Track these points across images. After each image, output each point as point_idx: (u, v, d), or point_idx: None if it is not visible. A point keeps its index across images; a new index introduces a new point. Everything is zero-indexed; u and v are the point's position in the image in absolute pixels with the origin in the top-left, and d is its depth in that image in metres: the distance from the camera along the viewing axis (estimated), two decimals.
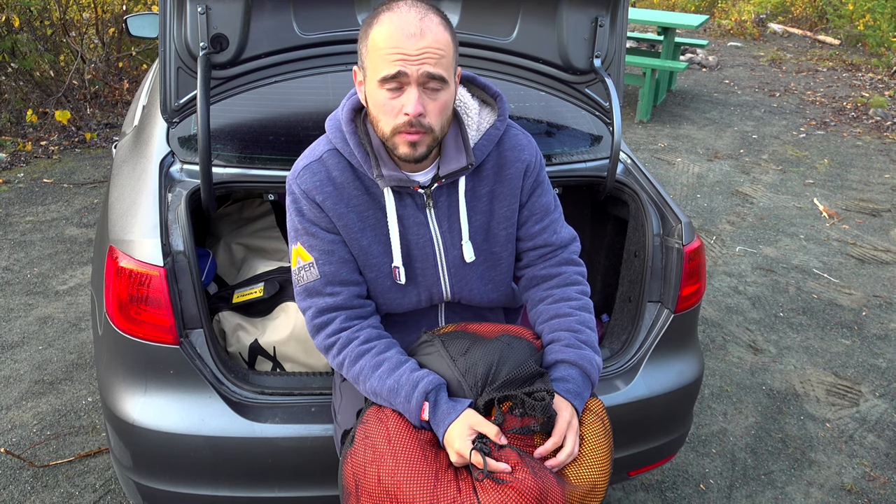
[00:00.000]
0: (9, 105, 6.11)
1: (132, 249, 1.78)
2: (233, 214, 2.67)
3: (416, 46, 1.38)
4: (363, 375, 1.55)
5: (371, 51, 1.43)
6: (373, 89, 1.45)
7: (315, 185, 1.56)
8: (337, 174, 1.57)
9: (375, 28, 1.42)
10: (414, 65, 1.39)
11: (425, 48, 1.39)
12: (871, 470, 2.85)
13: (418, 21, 1.40)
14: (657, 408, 2.10)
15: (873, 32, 10.29)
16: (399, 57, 1.38)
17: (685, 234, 2.07)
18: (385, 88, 1.42)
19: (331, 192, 1.57)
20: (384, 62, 1.40)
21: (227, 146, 2.10)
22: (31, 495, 2.49)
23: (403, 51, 1.38)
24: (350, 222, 1.59)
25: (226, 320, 2.16)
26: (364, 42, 1.45)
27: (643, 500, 2.64)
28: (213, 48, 1.83)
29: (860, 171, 6.10)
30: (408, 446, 1.44)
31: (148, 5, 6.65)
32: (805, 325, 3.81)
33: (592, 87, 2.16)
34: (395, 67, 1.39)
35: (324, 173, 1.57)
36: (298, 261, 1.61)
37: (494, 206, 1.67)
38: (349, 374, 1.58)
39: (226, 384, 1.81)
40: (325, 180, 1.57)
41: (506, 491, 1.35)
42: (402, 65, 1.39)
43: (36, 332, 3.39)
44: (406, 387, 1.49)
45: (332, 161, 1.58)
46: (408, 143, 1.46)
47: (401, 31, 1.39)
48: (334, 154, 1.58)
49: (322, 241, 1.59)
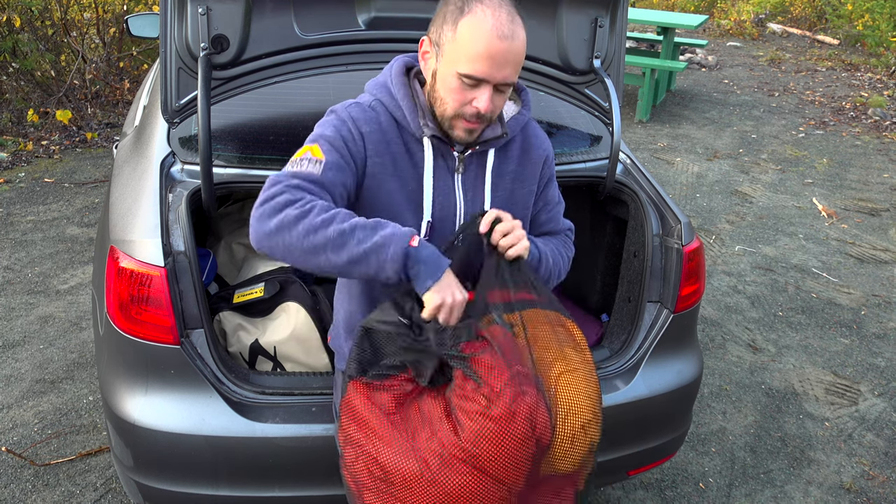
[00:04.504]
0: (10, 105, 6.12)
1: (133, 250, 1.78)
2: (233, 214, 2.68)
3: (504, 52, 1.40)
4: (341, 215, 1.38)
5: (457, 40, 1.42)
6: (447, 74, 1.46)
7: (364, 119, 1.55)
8: (382, 119, 1.57)
9: (467, 18, 1.41)
10: (498, 73, 1.42)
11: (512, 56, 1.42)
12: (870, 469, 2.86)
13: (510, 23, 1.41)
14: (657, 407, 2.10)
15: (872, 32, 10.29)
16: (487, 62, 1.40)
17: (685, 235, 2.08)
18: (462, 80, 1.44)
19: (376, 130, 1.56)
20: (470, 61, 1.41)
21: (227, 146, 2.10)
22: (32, 494, 2.50)
23: (492, 55, 1.40)
24: (385, 162, 1.57)
25: (226, 320, 2.17)
26: (449, 25, 1.44)
27: (642, 498, 2.65)
28: (214, 49, 1.83)
29: (859, 170, 6.10)
30: (377, 425, 1.45)
31: (149, 5, 6.66)
32: (804, 325, 3.82)
33: (592, 88, 2.17)
34: (480, 73, 1.41)
35: (372, 113, 1.57)
36: (307, 153, 1.48)
37: (515, 188, 1.70)
38: (318, 217, 1.36)
39: (226, 384, 1.82)
40: (373, 119, 1.56)
41: (484, 422, 1.36)
42: (488, 72, 1.41)
43: (37, 331, 3.39)
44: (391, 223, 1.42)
45: (378, 109, 1.58)
46: (466, 130, 1.51)
47: (494, 33, 1.39)
48: (379, 104, 1.59)
49: (341, 158, 1.50)
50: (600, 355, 2.13)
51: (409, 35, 2.00)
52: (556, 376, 1.48)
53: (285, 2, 1.87)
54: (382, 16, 1.97)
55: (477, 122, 1.50)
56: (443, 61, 1.47)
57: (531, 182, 1.73)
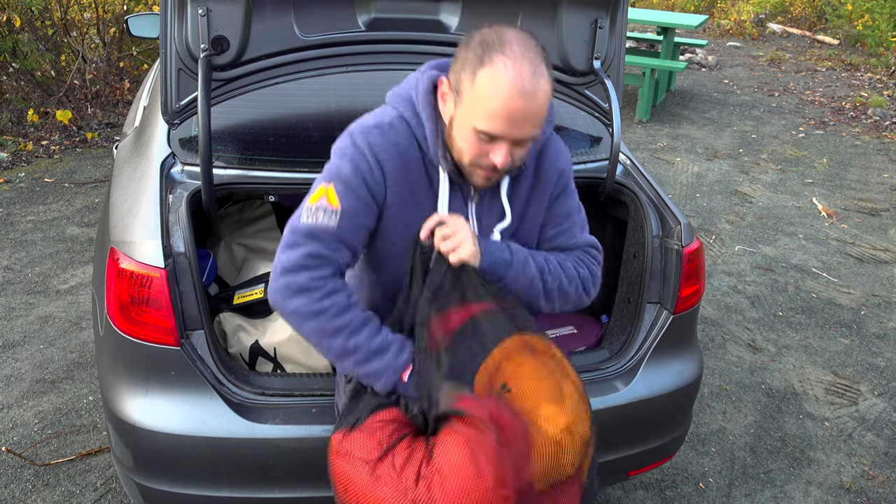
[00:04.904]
0: (10, 105, 6.12)
1: (133, 251, 1.78)
2: (234, 215, 2.68)
3: (523, 110, 1.33)
4: (350, 328, 1.48)
5: (475, 93, 1.35)
6: (464, 125, 1.40)
7: (383, 145, 1.49)
8: (402, 141, 1.52)
9: (487, 71, 1.33)
10: (516, 130, 1.36)
11: (533, 114, 1.35)
12: (870, 468, 2.86)
13: (531, 77, 1.32)
14: (657, 408, 2.11)
15: (872, 32, 10.29)
16: (505, 121, 1.34)
17: (684, 236, 2.08)
18: (478, 135, 1.39)
19: (395, 155, 1.50)
20: (487, 117, 1.35)
21: (227, 148, 2.11)
22: (32, 494, 2.50)
23: (510, 114, 1.33)
24: (403, 192, 1.53)
25: (227, 321, 2.17)
26: (468, 74, 1.36)
27: (642, 498, 2.65)
28: (214, 50, 1.84)
29: (859, 170, 6.10)
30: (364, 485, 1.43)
31: (149, 5, 6.65)
32: (804, 325, 3.82)
33: (592, 89, 2.17)
34: (496, 130, 1.36)
35: (393, 136, 1.51)
36: (322, 200, 1.49)
37: (529, 207, 1.67)
38: (330, 323, 1.48)
39: (226, 385, 1.82)
40: (393, 143, 1.50)
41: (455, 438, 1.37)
42: (506, 130, 1.35)
43: (37, 331, 3.40)
44: (396, 343, 1.52)
45: (400, 128, 1.52)
46: (484, 178, 1.48)
47: (513, 89, 1.31)
48: (401, 122, 1.53)
49: (359, 199, 1.49)
50: (600, 356, 2.13)
51: (409, 36, 2.00)
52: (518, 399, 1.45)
53: (285, 3, 1.87)
54: (382, 17, 1.97)
55: (494, 172, 1.46)
56: (460, 110, 1.41)
57: (542, 202, 1.69)
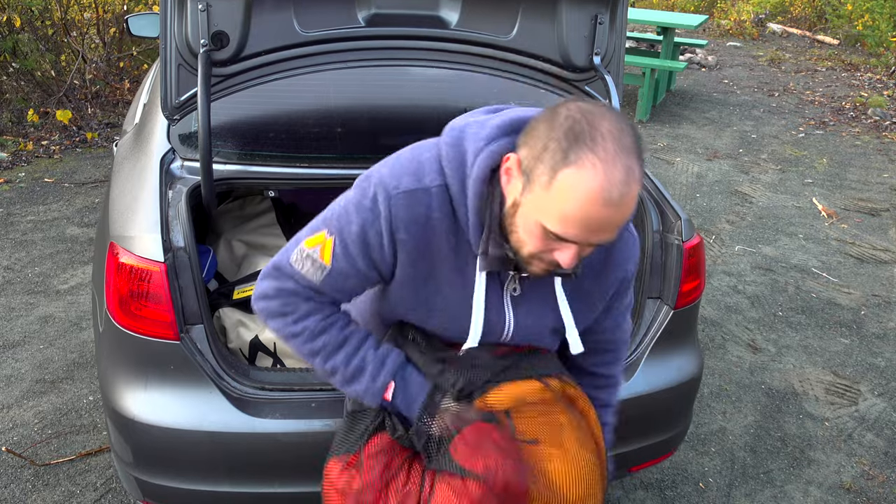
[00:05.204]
0: (10, 105, 6.12)
1: (133, 245, 1.78)
2: (234, 211, 2.68)
3: (607, 219, 1.10)
4: (325, 351, 1.39)
5: (552, 192, 1.11)
6: (530, 218, 1.17)
7: (408, 219, 1.28)
8: (437, 216, 1.29)
9: (572, 172, 1.08)
10: (593, 237, 1.14)
11: (616, 222, 1.12)
12: (870, 468, 2.85)
13: (622, 184, 1.08)
14: (657, 403, 2.10)
15: (872, 32, 10.30)
16: (581, 229, 1.12)
17: (685, 231, 2.08)
18: (546, 233, 1.16)
19: (419, 232, 1.29)
20: (561, 221, 1.12)
21: (227, 143, 2.11)
22: (32, 494, 2.50)
23: (590, 223, 1.10)
24: (420, 271, 1.34)
25: (226, 316, 2.17)
26: (546, 166, 1.11)
27: (642, 498, 2.64)
28: (214, 45, 1.84)
29: (859, 170, 6.10)
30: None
31: (149, 5, 6.66)
32: (804, 325, 3.82)
33: (592, 85, 2.17)
34: (570, 236, 1.13)
35: (423, 209, 1.28)
36: (316, 249, 1.34)
37: (579, 304, 1.45)
38: (305, 346, 1.40)
39: (226, 380, 1.82)
40: (421, 215, 1.28)
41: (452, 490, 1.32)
42: (580, 237, 1.13)
43: (37, 331, 3.39)
44: (371, 364, 1.40)
45: (439, 199, 1.28)
46: (543, 270, 1.25)
47: (599, 197, 1.08)
48: (443, 193, 1.28)
49: (352, 266, 1.34)
50: None
51: (409, 32, 2.00)
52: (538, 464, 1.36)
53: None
54: (382, 13, 1.97)
55: (556, 268, 1.24)
56: (529, 200, 1.16)
57: (599, 299, 1.48)
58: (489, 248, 1.26)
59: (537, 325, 1.43)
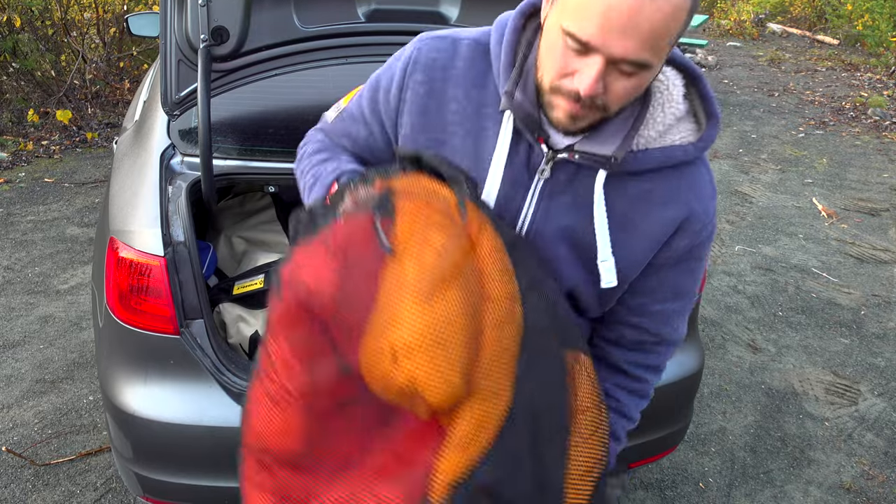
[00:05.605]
0: (10, 105, 6.13)
1: (133, 240, 1.78)
2: (234, 208, 2.68)
3: (631, 13, 0.93)
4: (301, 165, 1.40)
5: None
6: (553, 25, 1.03)
7: (427, 62, 1.22)
8: (461, 66, 1.21)
9: None
10: (616, 42, 0.96)
11: (643, 21, 0.94)
12: (870, 468, 2.85)
13: None
14: (657, 399, 2.08)
15: (872, 32, 10.31)
16: (600, 22, 0.95)
17: None
18: (566, 40, 1.00)
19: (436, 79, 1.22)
20: (578, 12, 0.97)
21: (227, 139, 2.11)
22: (32, 494, 2.49)
23: (610, 14, 0.94)
24: (430, 124, 1.23)
25: (226, 311, 2.16)
26: None
27: (642, 498, 2.64)
28: (214, 41, 1.84)
29: (859, 170, 6.10)
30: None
31: (149, 5, 6.67)
32: (804, 325, 3.82)
33: None
34: (587, 34, 0.96)
35: (449, 55, 1.22)
36: (340, 103, 1.42)
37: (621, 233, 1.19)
38: (296, 169, 1.42)
39: (226, 374, 1.81)
40: (445, 61, 1.21)
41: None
42: (599, 36, 0.96)
43: (37, 331, 3.39)
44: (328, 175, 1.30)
45: (469, 50, 1.22)
46: (567, 113, 1.06)
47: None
48: (475, 47, 1.22)
49: (361, 110, 1.33)
50: None
51: (409, 28, 2.00)
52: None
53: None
54: (382, 8, 1.98)
55: (578, 104, 1.04)
56: (555, 7, 1.04)
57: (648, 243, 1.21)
58: (517, 92, 1.13)
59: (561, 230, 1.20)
